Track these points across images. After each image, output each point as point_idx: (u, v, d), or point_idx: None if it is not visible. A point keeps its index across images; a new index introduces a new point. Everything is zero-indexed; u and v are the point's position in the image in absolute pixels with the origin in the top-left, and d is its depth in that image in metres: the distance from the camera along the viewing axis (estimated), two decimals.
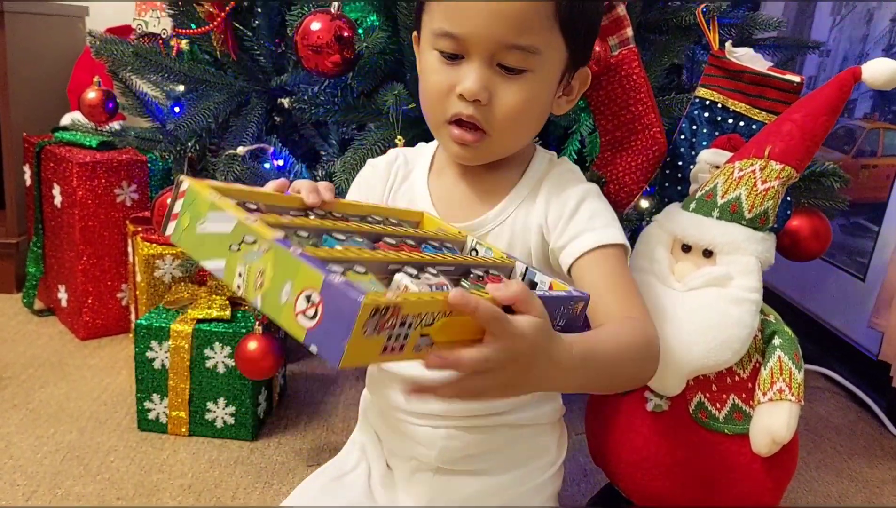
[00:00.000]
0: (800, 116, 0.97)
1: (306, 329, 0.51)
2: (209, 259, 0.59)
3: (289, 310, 0.52)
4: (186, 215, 0.61)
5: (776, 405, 0.94)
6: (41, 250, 1.84)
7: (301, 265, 0.52)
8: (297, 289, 0.52)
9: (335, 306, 0.50)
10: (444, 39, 0.79)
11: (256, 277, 0.55)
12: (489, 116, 0.80)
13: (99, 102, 1.55)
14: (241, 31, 1.37)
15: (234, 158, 1.25)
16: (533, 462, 0.92)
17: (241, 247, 0.57)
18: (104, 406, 1.44)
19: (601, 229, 0.83)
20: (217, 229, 0.58)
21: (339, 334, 0.49)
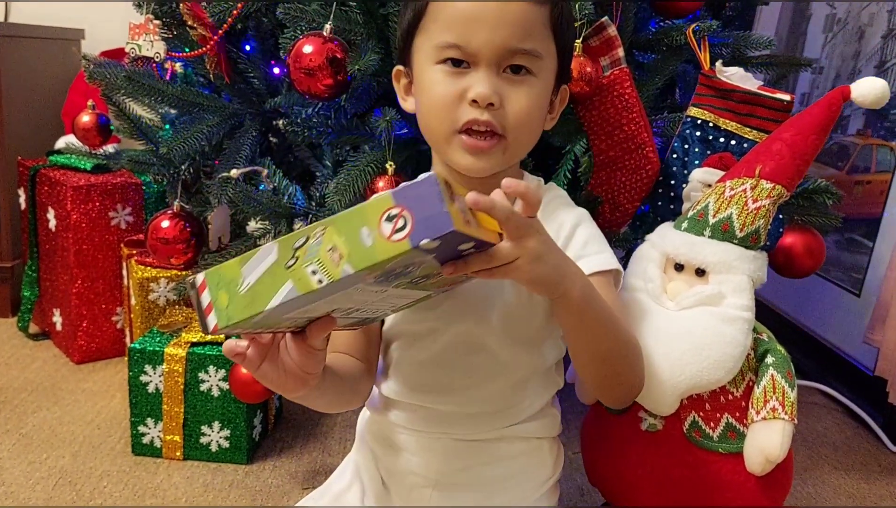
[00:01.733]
0: (789, 135, 0.97)
1: (408, 236, 0.54)
2: (273, 296, 0.57)
3: (381, 243, 0.54)
4: (221, 293, 0.60)
5: (769, 424, 0.94)
6: (36, 273, 1.84)
7: (364, 206, 0.56)
8: (373, 224, 0.55)
9: (415, 196, 0.55)
10: (448, 52, 0.81)
11: (330, 257, 0.56)
12: (503, 120, 0.81)
13: (93, 125, 1.55)
14: (234, 53, 1.37)
15: (228, 180, 1.25)
16: (531, 477, 0.94)
17: (296, 255, 0.57)
18: (98, 431, 1.43)
19: (595, 256, 0.86)
20: (263, 268, 0.58)
21: (435, 208, 0.54)
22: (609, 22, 1.12)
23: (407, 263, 0.58)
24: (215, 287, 0.60)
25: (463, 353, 0.87)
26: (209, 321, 0.60)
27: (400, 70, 0.91)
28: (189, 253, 1.34)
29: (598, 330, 0.78)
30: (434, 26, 0.82)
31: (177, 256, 1.34)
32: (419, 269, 0.62)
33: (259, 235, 1.30)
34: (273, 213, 1.26)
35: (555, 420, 0.96)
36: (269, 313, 0.59)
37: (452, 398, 0.89)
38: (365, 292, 0.63)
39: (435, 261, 0.61)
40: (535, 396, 0.92)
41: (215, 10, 1.27)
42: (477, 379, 0.88)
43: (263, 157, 1.37)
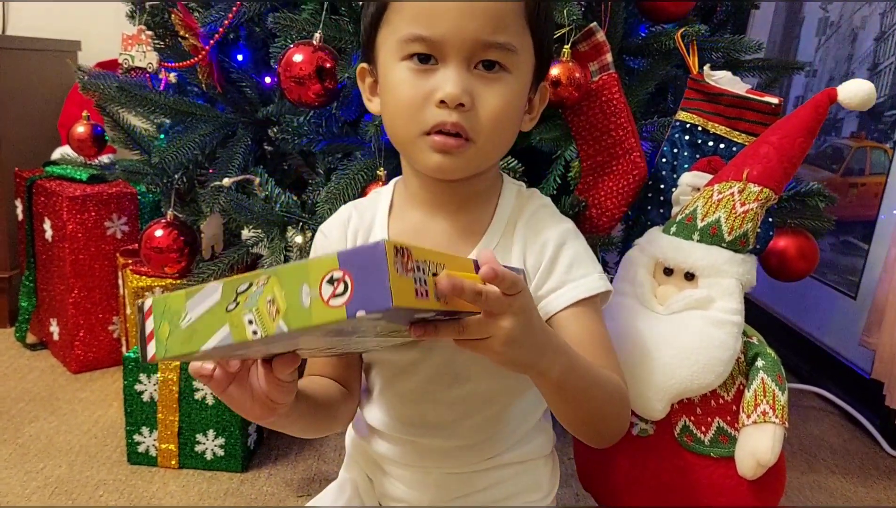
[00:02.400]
0: (776, 138, 0.98)
1: (345, 305, 0.51)
2: (209, 338, 0.56)
3: (318, 305, 0.52)
4: (164, 323, 0.59)
5: (760, 428, 0.94)
6: (33, 283, 1.84)
7: (309, 262, 0.53)
8: (315, 282, 0.52)
9: (361, 264, 0.52)
10: (414, 45, 0.74)
11: (268, 309, 0.54)
12: (474, 122, 0.75)
13: (88, 136, 1.56)
14: (227, 63, 1.38)
15: (220, 189, 1.26)
16: (527, 497, 0.91)
17: (237, 300, 0.55)
18: (94, 440, 1.43)
19: (580, 280, 0.81)
20: (205, 307, 0.57)
21: (378, 281, 0.51)
22: (597, 27, 1.12)
23: (351, 327, 0.56)
24: (160, 316, 0.59)
25: (446, 385, 0.83)
26: (148, 350, 0.59)
27: (364, 68, 0.84)
28: (182, 262, 1.35)
29: (580, 399, 0.75)
30: (398, 18, 0.76)
31: (170, 265, 1.35)
32: (375, 330, 0.60)
33: (252, 243, 1.31)
34: (265, 221, 1.26)
35: (546, 437, 0.93)
36: (206, 353, 0.57)
37: (438, 432, 0.85)
38: (322, 340, 0.61)
39: (391, 324, 0.59)
40: (521, 420, 0.88)
41: (207, 21, 1.28)
42: (461, 412, 0.84)
43: (257, 165, 1.37)
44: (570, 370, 0.70)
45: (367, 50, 0.82)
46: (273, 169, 1.45)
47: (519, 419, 0.88)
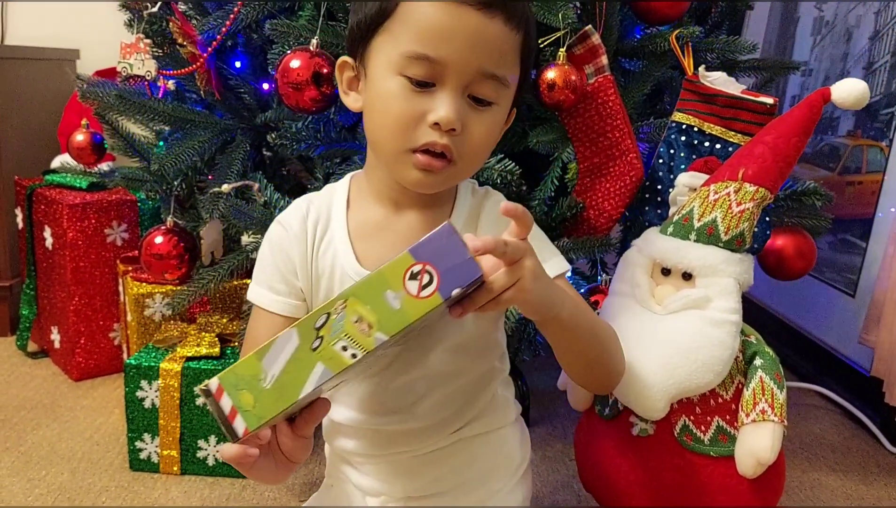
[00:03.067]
0: (771, 138, 0.98)
1: (436, 291, 0.55)
2: (304, 383, 0.56)
3: (410, 303, 0.55)
4: (243, 393, 0.57)
5: (759, 427, 0.94)
6: (34, 292, 1.84)
7: (382, 270, 0.56)
8: (397, 285, 0.55)
9: (436, 249, 0.56)
10: (416, 64, 0.74)
11: (358, 328, 0.55)
12: (460, 147, 0.76)
13: (87, 144, 1.56)
14: (225, 70, 1.39)
15: (219, 195, 1.26)
16: (500, 468, 0.92)
17: (320, 335, 0.56)
18: (96, 447, 1.43)
19: (552, 260, 0.84)
20: (285, 358, 0.56)
21: (459, 257, 0.55)
22: (592, 30, 1.13)
23: (429, 319, 0.58)
24: (234, 389, 0.57)
25: (401, 372, 0.84)
26: (236, 427, 0.57)
27: (347, 62, 0.83)
28: (183, 268, 1.35)
29: (589, 340, 0.79)
30: (403, 31, 0.75)
31: (171, 271, 1.35)
32: (429, 322, 0.62)
33: (252, 248, 1.31)
34: (265, 226, 1.27)
35: (507, 406, 0.94)
36: (301, 400, 0.57)
37: (398, 417, 0.86)
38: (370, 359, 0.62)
39: (446, 309, 0.62)
40: (478, 394, 0.89)
41: (204, 28, 1.29)
42: (418, 394, 0.85)
43: (256, 171, 1.38)
44: (576, 307, 0.76)
45: (355, 46, 0.81)
46: (272, 174, 1.46)
47: (475, 393, 0.89)
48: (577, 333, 0.77)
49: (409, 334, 0.62)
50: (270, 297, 0.85)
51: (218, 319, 1.45)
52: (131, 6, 1.43)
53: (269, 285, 0.85)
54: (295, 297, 0.85)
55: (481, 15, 0.74)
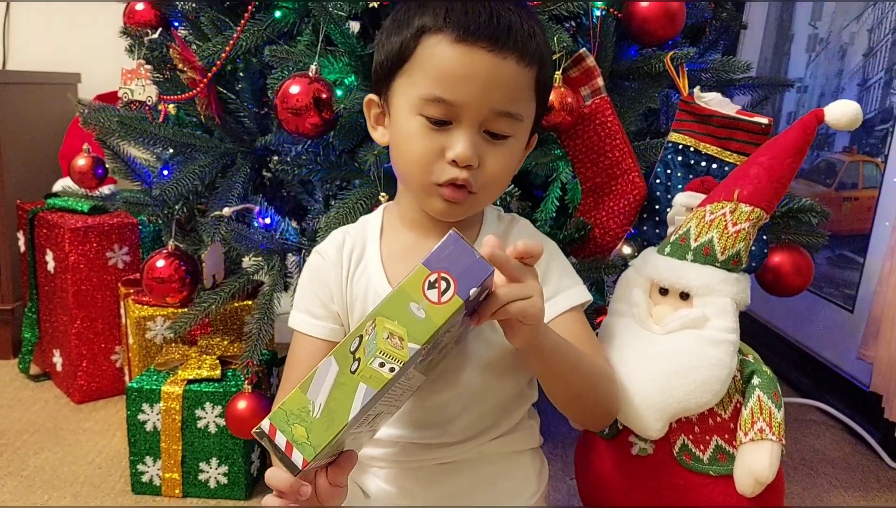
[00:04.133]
0: (766, 158, 0.99)
1: (454, 294, 0.59)
2: (351, 405, 0.59)
3: (433, 310, 0.59)
4: (295, 427, 0.60)
5: (758, 445, 0.95)
6: (36, 315, 1.85)
7: (402, 286, 0.60)
8: (418, 296, 0.59)
9: (447, 257, 0.60)
10: (433, 106, 0.79)
11: (391, 343, 0.59)
12: (479, 179, 0.82)
13: (88, 168, 1.57)
14: (225, 94, 1.40)
15: (220, 218, 1.27)
16: (516, 493, 0.94)
17: (357, 357, 0.59)
18: (99, 470, 1.44)
19: (570, 289, 0.89)
20: (328, 385, 0.60)
21: (468, 259, 0.60)
22: (587, 53, 1.14)
23: (454, 322, 0.61)
24: (286, 425, 0.60)
25: (435, 391, 0.88)
26: (295, 460, 0.59)
27: (373, 100, 0.89)
28: (184, 291, 1.36)
29: (570, 374, 0.83)
30: (421, 75, 0.80)
31: (172, 294, 1.36)
32: (453, 331, 0.65)
33: (253, 271, 1.32)
34: (266, 249, 1.28)
35: (532, 432, 0.98)
36: (354, 421, 0.59)
37: (430, 433, 0.90)
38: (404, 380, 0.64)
39: (466, 318, 0.65)
40: (510, 416, 0.94)
41: (205, 54, 1.30)
42: (452, 414, 0.89)
43: (256, 194, 1.39)
44: (556, 342, 0.79)
45: (380, 85, 0.87)
46: (272, 197, 1.47)
47: (505, 412, 0.93)
48: (557, 368, 0.81)
49: (438, 344, 0.64)
50: (310, 322, 0.90)
51: (219, 341, 1.45)
52: (132, 32, 1.44)
53: (308, 310, 0.91)
54: (333, 321, 0.91)
55: (493, 56, 0.78)
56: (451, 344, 0.75)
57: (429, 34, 0.79)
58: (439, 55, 0.79)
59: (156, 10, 1.44)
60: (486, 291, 0.66)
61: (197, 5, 1.40)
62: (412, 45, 0.81)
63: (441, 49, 0.78)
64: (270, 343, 1.50)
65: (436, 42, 0.79)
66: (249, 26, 1.27)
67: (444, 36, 0.78)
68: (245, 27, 1.27)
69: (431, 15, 0.80)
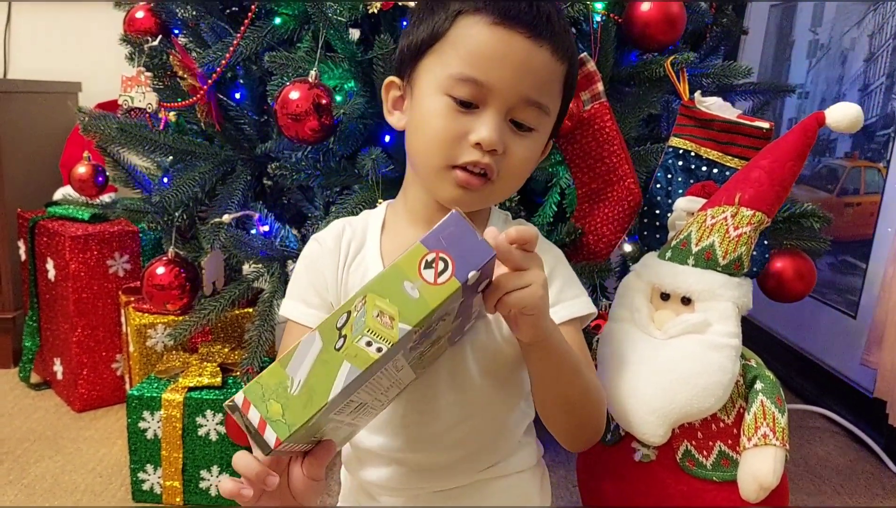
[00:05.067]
0: (767, 162, 0.99)
1: (452, 276, 0.56)
2: (332, 384, 0.55)
3: (428, 290, 0.55)
4: (271, 403, 0.56)
5: (761, 451, 0.94)
6: (36, 323, 1.85)
7: (397, 262, 0.57)
8: (413, 275, 0.56)
9: (447, 237, 0.57)
10: (463, 85, 0.77)
11: (381, 322, 0.55)
12: (501, 166, 0.79)
13: (89, 176, 1.57)
14: (225, 101, 1.40)
15: (220, 225, 1.27)
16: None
17: (343, 334, 0.56)
18: (99, 479, 1.43)
19: (572, 301, 0.87)
20: (310, 361, 0.56)
21: (472, 240, 0.57)
22: (588, 58, 1.14)
23: (448, 307, 0.59)
24: (261, 400, 0.56)
25: (430, 398, 0.85)
26: (267, 438, 0.55)
27: (394, 81, 0.87)
28: (184, 299, 1.36)
29: (569, 378, 0.78)
30: (453, 53, 0.78)
31: (172, 301, 1.35)
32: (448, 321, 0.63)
33: (253, 278, 1.32)
34: (266, 256, 1.28)
35: (530, 450, 0.95)
36: (333, 403, 0.55)
37: (425, 445, 0.87)
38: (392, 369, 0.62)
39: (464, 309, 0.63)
40: (504, 434, 0.91)
41: (205, 61, 1.30)
42: (447, 423, 0.86)
43: (256, 201, 1.39)
44: (562, 341, 0.75)
45: (404, 67, 0.85)
46: (272, 204, 1.46)
47: (501, 431, 0.90)
48: (561, 368, 0.77)
49: (431, 332, 0.61)
50: (303, 310, 0.87)
51: (220, 348, 1.45)
52: (132, 40, 1.44)
53: (302, 298, 0.88)
54: (327, 311, 0.87)
55: (530, 42, 0.77)
56: (445, 340, 0.72)
57: (465, 15, 0.78)
58: (476, 35, 0.77)
59: (156, 18, 1.44)
60: (486, 280, 0.63)
61: (197, 13, 1.40)
62: (447, 26, 0.79)
63: (478, 30, 0.77)
64: (271, 350, 1.49)
65: (473, 23, 0.78)
66: (249, 33, 1.27)
67: (481, 17, 0.77)
68: (245, 34, 1.27)
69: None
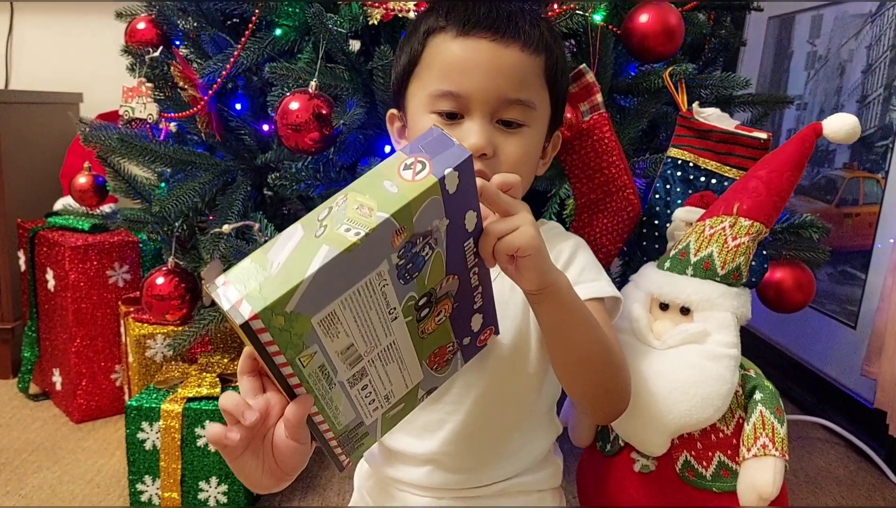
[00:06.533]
0: (765, 172, 0.99)
1: (429, 173, 0.57)
2: (310, 263, 0.55)
3: (406, 186, 0.57)
4: (249, 282, 0.55)
5: (761, 461, 0.94)
6: (36, 334, 1.85)
7: (379, 166, 0.59)
8: (393, 176, 0.58)
9: (425, 144, 0.59)
10: (443, 100, 0.81)
11: (360, 212, 0.57)
12: (496, 169, 0.80)
13: (89, 186, 1.57)
14: (225, 112, 1.40)
15: (220, 236, 1.27)
16: None
17: (324, 224, 0.57)
18: (97, 490, 1.43)
19: (591, 283, 0.86)
20: (290, 247, 0.56)
21: (447, 144, 0.59)
22: (587, 69, 1.14)
23: (430, 216, 0.60)
24: (240, 281, 0.56)
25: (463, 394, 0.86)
26: (242, 311, 0.55)
27: (394, 114, 0.92)
28: (184, 309, 1.35)
29: (584, 329, 0.75)
30: (428, 74, 0.83)
31: (172, 312, 1.35)
32: (436, 248, 0.63)
33: None
34: None
35: (557, 471, 0.96)
36: (310, 282, 0.55)
37: (453, 443, 0.87)
38: (380, 296, 0.61)
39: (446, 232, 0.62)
40: (534, 441, 0.91)
41: (205, 72, 1.30)
42: (476, 416, 0.87)
43: (256, 211, 1.39)
44: (573, 293, 0.73)
45: (397, 98, 0.89)
46: (272, 214, 1.46)
47: (531, 439, 0.91)
48: (574, 317, 0.74)
49: (418, 248, 0.61)
50: None
51: (219, 359, 1.45)
52: (133, 50, 1.45)
53: None
54: None
55: (496, 45, 0.80)
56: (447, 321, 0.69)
57: (433, 35, 0.83)
58: (445, 51, 0.81)
59: (157, 29, 1.45)
60: (476, 223, 0.65)
61: (198, 24, 1.41)
62: (420, 49, 0.84)
63: (446, 46, 0.81)
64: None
65: (440, 41, 0.82)
66: (250, 44, 1.28)
67: (446, 33, 0.82)
68: (245, 45, 1.28)
69: (434, 17, 0.84)
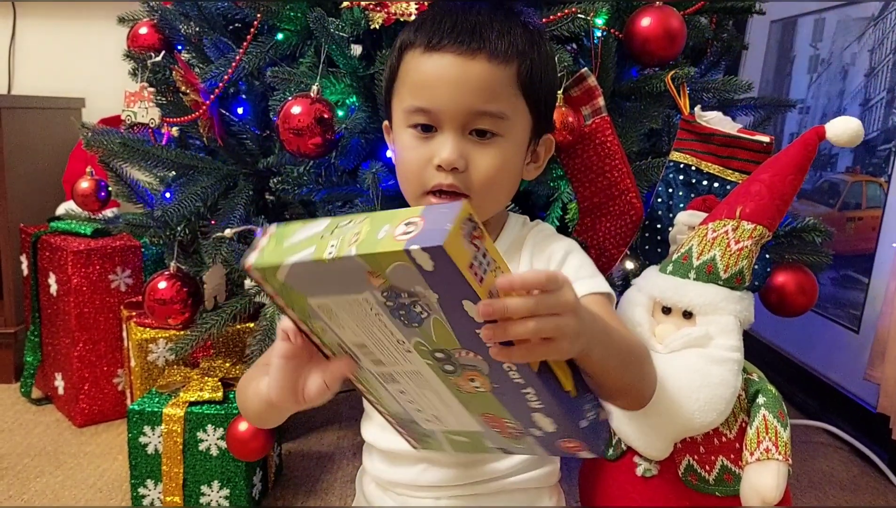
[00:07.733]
0: (768, 176, 0.99)
1: (407, 240, 0.56)
2: (293, 255, 0.61)
3: (387, 239, 0.57)
4: (272, 242, 0.64)
5: (764, 465, 0.94)
6: (38, 338, 1.85)
7: (399, 210, 0.59)
8: (396, 223, 0.57)
9: (437, 212, 0.57)
10: (416, 115, 0.83)
11: (351, 238, 0.59)
12: (468, 182, 0.82)
13: (91, 191, 1.58)
14: (227, 116, 1.40)
15: (222, 240, 1.27)
16: None
17: (333, 231, 0.61)
18: (100, 494, 1.43)
19: (589, 279, 0.86)
20: (307, 233, 0.63)
21: (441, 225, 0.55)
22: (588, 73, 1.14)
23: (407, 280, 0.58)
24: (274, 237, 0.65)
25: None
26: (250, 258, 0.64)
27: (387, 125, 0.94)
28: (186, 313, 1.36)
29: (620, 371, 0.73)
30: (403, 89, 0.85)
31: (174, 316, 1.35)
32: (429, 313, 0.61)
33: (254, 292, 1.32)
34: None
35: (553, 468, 0.96)
36: (289, 267, 0.61)
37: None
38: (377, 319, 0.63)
39: (440, 306, 0.59)
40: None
41: (207, 76, 1.31)
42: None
43: (258, 215, 1.39)
44: (607, 338, 0.69)
45: (387, 110, 0.92)
46: (274, 218, 1.47)
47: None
48: (606, 366, 0.70)
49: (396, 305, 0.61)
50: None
51: (221, 363, 1.45)
52: (136, 55, 1.45)
53: None
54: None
55: (462, 59, 0.80)
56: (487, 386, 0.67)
57: (406, 50, 0.85)
58: (414, 67, 0.83)
59: (159, 34, 1.45)
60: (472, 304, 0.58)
61: (200, 29, 1.41)
62: (396, 64, 0.87)
63: (416, 62, 0.83)
64: None
65: (411, 57, 0.84)
66: (252, 49, 1.28)
67: (415, 49, 0.84)
68: (247, 50, 1.28)
69: (407, 31, 0.86)
